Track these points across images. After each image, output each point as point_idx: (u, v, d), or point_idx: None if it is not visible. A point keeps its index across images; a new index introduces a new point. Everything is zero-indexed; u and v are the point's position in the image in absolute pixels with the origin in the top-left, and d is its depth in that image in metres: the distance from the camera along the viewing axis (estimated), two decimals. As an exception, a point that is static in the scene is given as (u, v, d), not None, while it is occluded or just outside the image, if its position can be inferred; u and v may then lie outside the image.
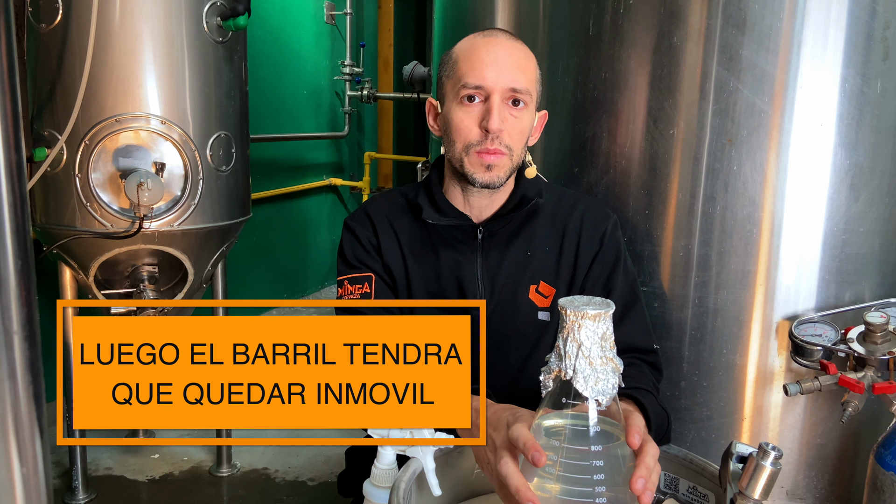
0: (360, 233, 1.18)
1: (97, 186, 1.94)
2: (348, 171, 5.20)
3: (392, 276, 1.17)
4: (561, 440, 0.69)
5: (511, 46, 1.09)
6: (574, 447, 0.68)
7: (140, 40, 1.94)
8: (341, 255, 1.20)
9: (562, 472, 0.68)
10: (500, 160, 1.08)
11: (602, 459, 0.68)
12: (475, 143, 1.08)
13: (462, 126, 1.08)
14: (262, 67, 3.90)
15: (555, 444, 0.69)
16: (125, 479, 2.45)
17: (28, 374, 0.48)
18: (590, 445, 0.68)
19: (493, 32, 1.11)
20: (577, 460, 0.68)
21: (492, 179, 1.09)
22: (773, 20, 1.22)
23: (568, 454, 0.68)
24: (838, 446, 1.33)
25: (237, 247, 2.56)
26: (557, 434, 0.70)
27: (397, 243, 1.17)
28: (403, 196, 1.22)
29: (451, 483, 0.87)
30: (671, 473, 0.89)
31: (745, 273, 1.29)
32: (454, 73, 1.10)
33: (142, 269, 2.09)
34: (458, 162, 1.11)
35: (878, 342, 1.15)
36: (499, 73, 1.06)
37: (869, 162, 1.25)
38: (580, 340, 0.69)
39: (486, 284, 1.15)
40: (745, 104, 1.24)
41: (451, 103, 1.10)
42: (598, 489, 0.67)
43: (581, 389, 0.68)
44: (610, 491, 0.67)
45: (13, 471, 0.48)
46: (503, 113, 1.07)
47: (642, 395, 0.94)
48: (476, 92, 1.07)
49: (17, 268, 0.47)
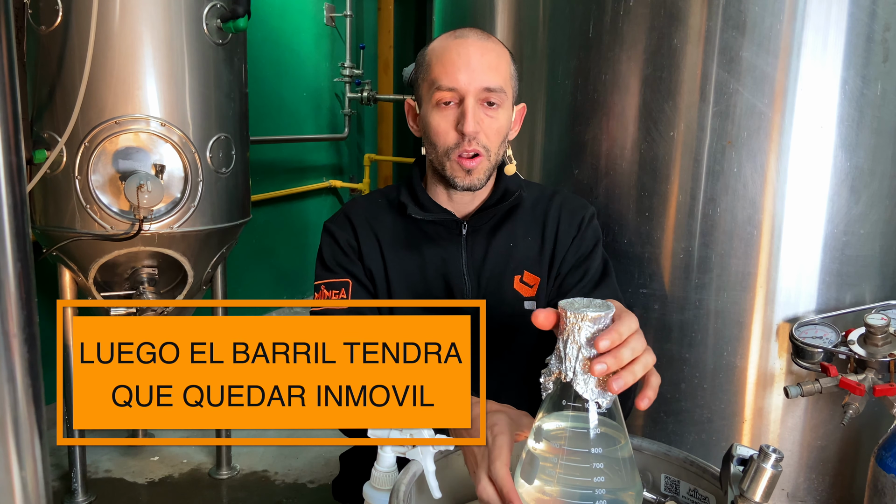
0: (339, 236, 1.18)
1: (97, 188, 1.94)
2: (348, 173, 5.20)
3: (372, 278, 1.17)
4: (561, 443, 0.69)
5: (482, 46, 1.09)
6: (574, 449, 0.68)
7: (140, 42, 1.94)
8: (320, 258, 1.20)
9: (562, 474, 0.68)
10: (479, 163, 1.10)
11: (602, 462, 0.68)
12: (453, 146, 1.09)
13: (439, 130, 1.10)
14: (261, 69, 3.91)
15: (555, 446, 0.69)
16: (125, 482, 2.45)
17: (27, 377, 0.48)
18: (590, 448, 0.68)
19: (464, 32, 1.11)
20: (578, 463, 0.68)
21: (472, 182, 1.11)
22: (773, 22, 1.22)
23: (568, 457, 0.68)
24: (839, 448, 1.33)
25: (237, 249, 2.56)
26: (558, 437, 0.70)
27: (377, 245, 1.17)
28: (384, 196, 1.23)
29: (451, 485, 0.87)
30: (672, 476, 0.88)
31: (746, 275, 1.28)
32: (428, 76, 1.10)
33: (141, 271, 2.09)
34: (440, 165, 1.12)
35: (879, 344, 1.15)
36: (471, 74, 1.06)
37: (869, 164, 1.25)
38: (580, 342, 0.68)
39: (472, 278, 1.16)
40: (746, 106, 1.24)
41: (428, 106, 1.11)
42: (599, 491, 0.67)
43: (581, 392, 0.68)
44: (610, 493, 0.67)
45: (12, 473, 0.48)
46: (478, 115, 1.08)
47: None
48: (450, 95, 1.08)
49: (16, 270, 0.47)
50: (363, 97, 4.85)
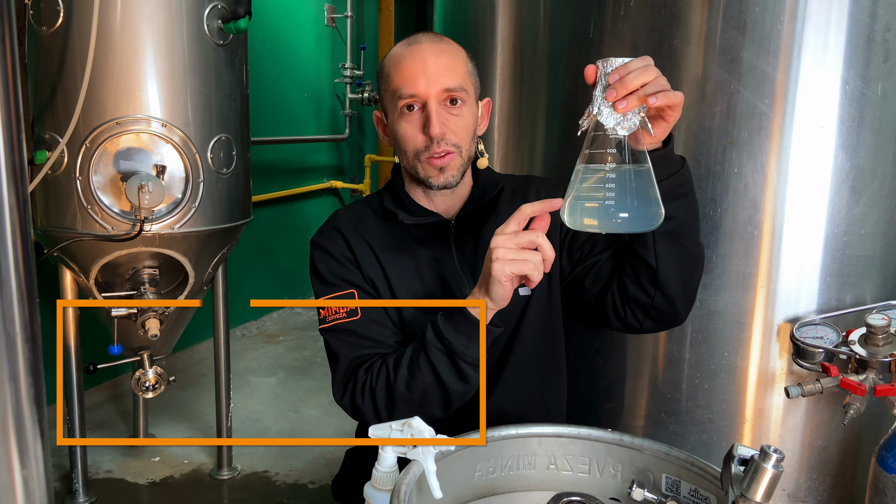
0: (332, 249, 1.18)
1: (98, 189, 1.94)
2: (349, 174, 5.20)
3: (374, 285, 1.17)
4: (584, 161, 0.86)
5: (436, 49, 1.12)
6: (593, 165, 0.85)
7: (141, 43, 1.94)
8: (316, 274, 1.19)
9: (580, 183, 0.86)
10: (451, 160, 1.12)
11: (614, 173, 0.84)
12: (423, 149, 1.12)
13: (407, 136, 1.13)
14: (262, 70, 3.91)
15: (580, 167, 0.86)
16: (125, 482, 2.45)
17: (29, 377, 0.48)
18: (606, 164, 0.85)
19: (416, 38, 1.14)
20: (594, 173, 0.85)
21: (447, 180, 1.14)
22: (773, 22, 1.22)
23: (586, 171, 0.86)
24: (840, 449, 1.33)
25: (238, 249, 2.56)
26: (582, 158, 0.87)
27: (372, 253, 1.18)
28: (367, 206, 1.25)
29: (451, 486, 0.87)
30: (673, 476, 0.88)
31: (747, 275, 1.28)
32: (389, 86, 1.14)
33: (142, 271, 2.09)
34: (413, 169, 1.15)
35: (880, 344, 1.15)
36: (429, 78, 1.09)
37: (870, 164, 1.25)
38: (604, 83, 0.84)
39: (467, 274, 1.18)
40: (746, 106, 1.24)
41: (393, 115, 1.14)
42: (609, 193, 0.83)
43: (603, 121, 0.84)
44: (619, 196, 0.83)
45: (14, 473, 0.48)
46: (442, 116, 1.10)
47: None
48: (412, 101, 1.10)
49: (18, 270, 0.47)
50: (364, 98, 4.85)
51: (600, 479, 0.94)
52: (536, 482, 0.95)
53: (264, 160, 4.01)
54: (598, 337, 1.40)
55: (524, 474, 0.95)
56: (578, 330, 1.37)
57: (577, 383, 1.37)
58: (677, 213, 1.03)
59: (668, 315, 1.14)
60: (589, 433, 0.94)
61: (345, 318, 1.14)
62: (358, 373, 1.11)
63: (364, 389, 1.09)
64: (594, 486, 0.93)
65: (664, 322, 1.16)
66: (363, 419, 1.14)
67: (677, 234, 1.07)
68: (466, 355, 1.00)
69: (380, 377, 1.08)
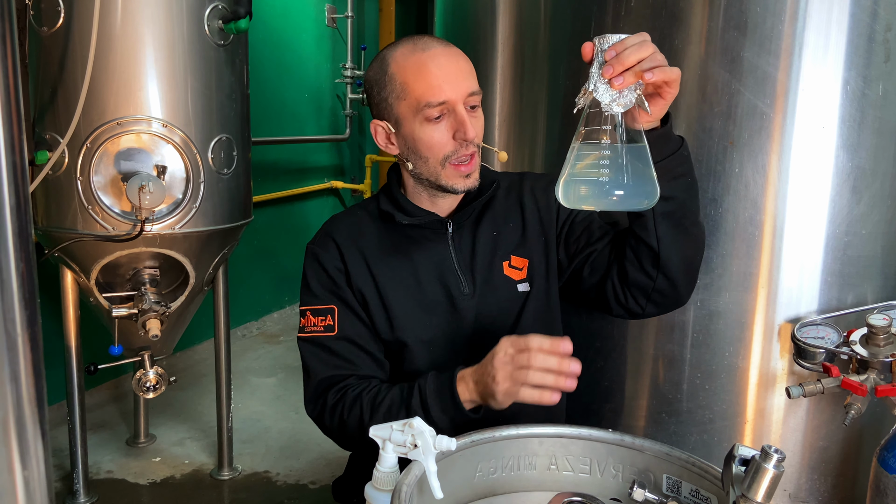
0: (324, 259, 1.18)
1: (99, 189, 1.94)
2: (350, 174, 5.20)
3: (364, 298, 1.17)
4: (580, 139, 0.85)
5: (453, 53, 1.12)
6: (588, 142, 0.85)
7: (141, 43, 1.94)
8: (305, 283, 1.20)
9: (575, 161, 0.85)
10: (474, 163, 1.15)
11: (609, 150, 0.84)
12: (452, 153, 1.12)
13: (434, 142, 1.12)
14: (263, 70, 3.91)
15: (575, 145, 0.85)
16: (126, 483, 2.45)
17: (31, 377, 0.48)
18: (600, 141, 0.84)
19: (428, 44, 1.12)
20: (589, 151, 0.84)
21: (473, 184, 1.16)
22: (774, 22, 1.22)
23: (581, 149, 0.85)
24: (841, 449, 1.33)
25: (239, 250, 2.56)
26: (578, 136, 0.86)
27: (364, 261, 1.18)
28: (363, 209, 1.25)
29: (452, 486, 0.87)
30: (674, 476, 0.88)
31: (748, 275, 1.28)
32: (407, 95, 1.11)
33: (143, 272, 2.09)
34: (434, 175, 1.14)
35: (881, 344, 1.15)
36: (454, 84, 1.09)
37: (871, 164, 1.25)
38: (601, 60, 0.84)
39: (465, 272, 1.19)
40: (747, 106, 1.24)
41: (414, 124, 1.12)
42: (603, 171, 0.83)
43: (600, 98, 0.84)
44: (612, 174, 0.83)
45: (15, 473, 0.48)
46: (471, 119, 1.11)
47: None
48: (442, 108, 1.10)
49: (19, 271, 0.47)
50: (364, 98, 4.85)
51: (601, 480, 0.94)
52: (537, 482, 0.95)
53: (265, 160, 4.01)
54: (598, 337, 1.40)
55: (525, 475, 0.95)
56: (579, 330, 1.37)
57: (578, 383, 1.37)
58: (677, 192, 1.04)
59: (670, 297, 1.14)
60: (590, 433, 0.94)
61: (322, 332, 1.15)
62: (328, 395, 1.13)
63: (333, 415, 1.12)
64: (595, 486, 0.93)
65: (666, 305, 1.17)
66: (330, 437, 1.18)
67: (678, 215, 1.07)
68: (448, 430, 0.99)
69: (353, 410, 1.09)
